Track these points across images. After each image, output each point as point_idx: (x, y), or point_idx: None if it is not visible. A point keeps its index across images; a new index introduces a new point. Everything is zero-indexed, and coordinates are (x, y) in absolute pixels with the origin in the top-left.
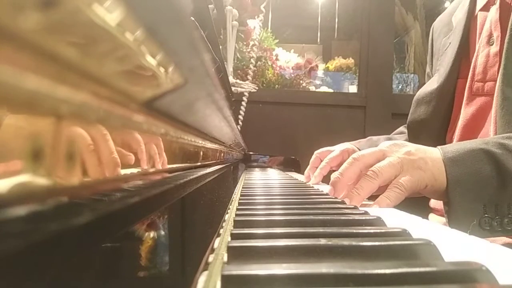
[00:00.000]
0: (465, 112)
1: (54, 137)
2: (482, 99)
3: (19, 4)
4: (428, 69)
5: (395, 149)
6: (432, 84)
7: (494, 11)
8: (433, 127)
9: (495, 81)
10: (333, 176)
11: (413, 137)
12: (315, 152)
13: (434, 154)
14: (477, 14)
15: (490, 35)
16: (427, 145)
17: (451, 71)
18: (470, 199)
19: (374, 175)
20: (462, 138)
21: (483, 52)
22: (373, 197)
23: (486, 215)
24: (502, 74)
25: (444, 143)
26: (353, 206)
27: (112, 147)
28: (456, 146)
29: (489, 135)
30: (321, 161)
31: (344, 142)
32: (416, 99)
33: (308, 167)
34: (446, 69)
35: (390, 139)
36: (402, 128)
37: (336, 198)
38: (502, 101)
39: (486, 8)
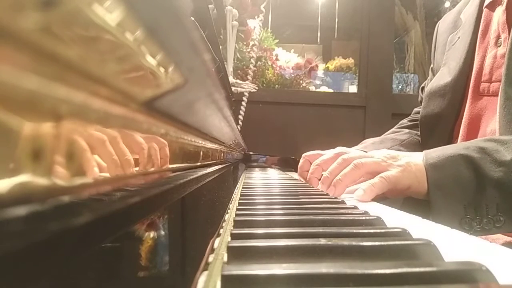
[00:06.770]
0: (470, 110)
1: (54, 137)
2: (488, 99)
3: (19, 4)
4: (432, 65)
5: (383, 155)
6: (444, 78)
7: (500, 12)
8: (449, 121)
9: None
10: (324, 174)
11: (427, 133)
12: (303, 155)
13: (418, 160)
14: (483, 10)
15: (498, 37)
16: (442, 139)
17: (464, 64)
18: (450, 201)
19: (359, 165)
20: (467, 136)
21: (491, 53)
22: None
23: (467, 216)
24: (505, 74)
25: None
26: (353, 206)
27: (112, 147)
28: (438, 152)
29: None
30: (311, 164)
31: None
32: (429, 93)
33: (298, 171)
34: (459, 63)
35: (382, 140)
36: (394, 129)
37: (336, 198)
38: (504, 101)
39: (491, 6)
